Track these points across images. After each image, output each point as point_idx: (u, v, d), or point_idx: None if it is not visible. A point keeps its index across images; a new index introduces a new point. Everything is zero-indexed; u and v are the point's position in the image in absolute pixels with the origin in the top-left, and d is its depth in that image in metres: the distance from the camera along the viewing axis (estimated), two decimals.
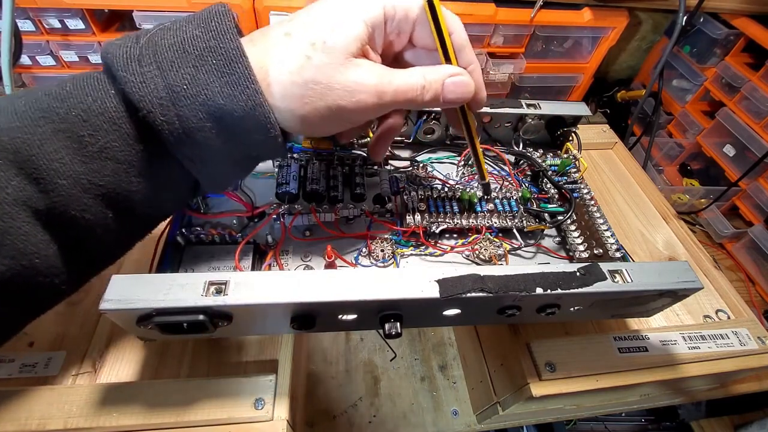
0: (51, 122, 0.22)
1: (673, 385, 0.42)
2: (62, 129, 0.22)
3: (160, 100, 0.22)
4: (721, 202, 0.77)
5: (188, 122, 0.23)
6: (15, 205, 0.21)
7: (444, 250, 0.36)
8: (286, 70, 0.23)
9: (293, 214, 0.36)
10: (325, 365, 0.57)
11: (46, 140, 0.21)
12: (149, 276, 0.25)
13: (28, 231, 0.22)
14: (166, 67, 0.22)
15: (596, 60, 0.76)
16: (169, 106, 0.22)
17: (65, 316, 0.36)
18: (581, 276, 0.28)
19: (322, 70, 0.23)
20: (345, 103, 0.24)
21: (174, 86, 0.22)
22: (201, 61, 0.22)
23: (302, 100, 0.23)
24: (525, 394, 0.35)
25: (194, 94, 0.22)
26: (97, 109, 0.22)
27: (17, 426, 0.29)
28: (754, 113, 0.70)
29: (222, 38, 0.22)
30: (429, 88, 0.26)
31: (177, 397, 0.31)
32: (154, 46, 0.22)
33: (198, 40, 0.22)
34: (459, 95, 0.27)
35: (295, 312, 0.27)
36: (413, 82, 0.26)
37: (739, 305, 0.42)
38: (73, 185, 0.22)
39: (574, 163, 0.43)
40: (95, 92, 0.22)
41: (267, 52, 0.23)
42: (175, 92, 0.22)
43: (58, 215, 0.22)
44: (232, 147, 0.25)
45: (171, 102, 0.22)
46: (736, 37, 0.72)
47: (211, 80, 0.22)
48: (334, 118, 0.25)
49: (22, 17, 0.60)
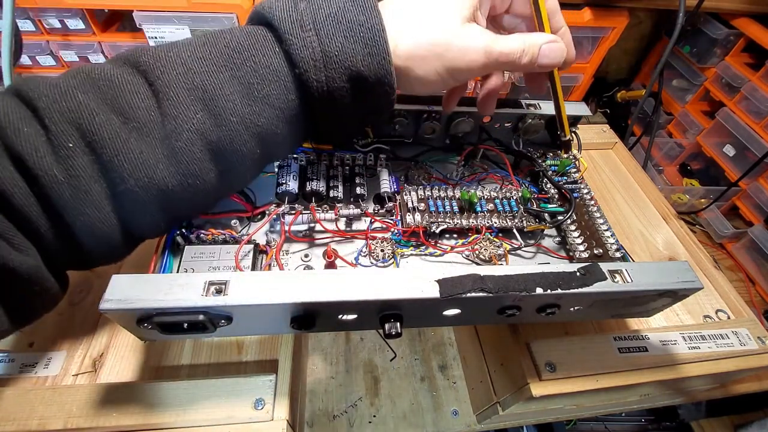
0: (230, 69, 0.26)
1: (673, 385, 0.42)
2: (238, 76, 0.26)
3: (315, 62, 0.26)
4: (721, 202, 0.78)
5: (333, 83, 0.27)
6: (195, 134, 0.25)
7: (444, 250, 0.36)
8: (412, 35, 0.27)
9: (293, 214, 0.36)
10: (325, 365, 0.57)
11: (225, 83, 0.26)
12: (149, 276, 0.25)
13: (200, 157, 0.26)
14: (322, 35, 0.26)
15: (596, 60, 0.75)
16: (321, 68, 0.26)
17: (65, 316, 0.36)
18: (581, 276, 0.28)
19: (441, 33, 0.28)
20: (458, 62, 0.28)
21: (328, 52, 0.26)
22: (351, 33, 0.26)
23: (423, 60, 0.28)
24: (525, 394, 0.35)
25: (342, 60, 0.26)
26: (266, 63, 0.26)
27: (17, 426, 0.29)
28: (754, 113, 0.70)
29: (369, 13, 0.26)
30: (527, 52, 0.30)
31: (177, 397, 0.31)
32: (313, 14, 0.26)
33: (349, 12, 0.26)
34: (552, 60, 0.31)
35: (295, 312, 0.27)
36: (515, 47, 0.29)
37: (739, 305, 0.42)
38: (239, 122, 0.26)
39: (574, 163, 0.43)
40: (264, 49, 0.26)
41: (396, 20, 0.27)
42: (328, 57, 0.26)
43: (224, 147, 0.27)
44: (359, 105, 0.29)
45: (323, 65, 0.26)
46: (736, 37, 0.72)
47: (357, 50, 0.26)
48: (447, 76, 0.29)
49: (22, 17, 0.61)
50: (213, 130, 0.26)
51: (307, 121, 0.30)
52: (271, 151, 0.30)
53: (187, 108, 0.25)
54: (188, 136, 0.25)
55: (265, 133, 0.28)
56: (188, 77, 0.25)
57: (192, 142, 0.26)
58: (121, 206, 0.26)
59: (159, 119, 0.25)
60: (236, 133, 0.26)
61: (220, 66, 0.26)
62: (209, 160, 0.27)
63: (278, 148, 0.30)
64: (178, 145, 0.25)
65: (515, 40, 0.30)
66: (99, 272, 0.38)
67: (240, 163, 0.28)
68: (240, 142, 0.27)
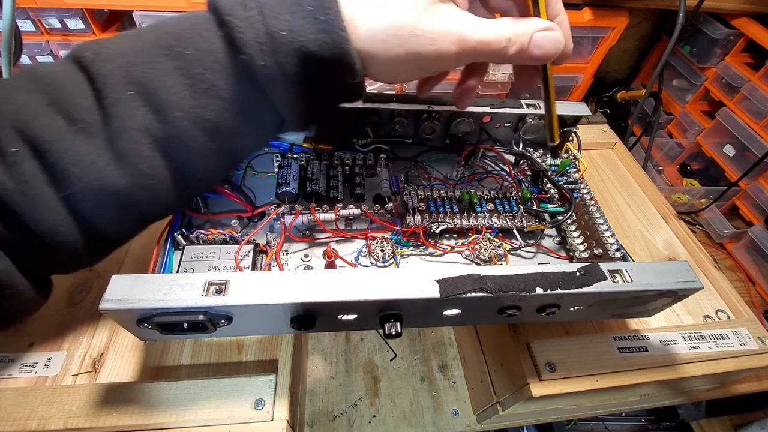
0: (171, 59, 0.23)
1: (673, 385, 0.42)
2: (179, 66, 0.23)
3: (261, 45, 0.23)
4: (721, 202, 0.78)
5: (284, 67, 0.23)
6: (140, 132, 0.24)
7: (444, 250, 0.36)
8: (372, 15, 0.24)
9: (293, 214, 0.36)
10: (325, 365, 0.57)
11: (167, 75, 0.23)
12: (149, 276, 0.25)
13: (150, 155, 0.24)
14: (266, 12, 0.23)
15: (596, 60, 0.76)
16: (268, 52, 0.23)
17: (65, 316, 0.36)
18: (581, 276, 0.28)
19: (405, 15, 0.24)
20: (425, 50, 0.24)
21: (273, 32, 0.23)
22: (298, 7, 0.23)
23: (385, 45, 0.24)
24: (525, 394, 0.35)
25: (290, 41, 0.23)
26: (208, 50, 0.23)
27: (17, 426, 0.29)
28: (754, 113, 0.70)
29: None
30: (515, 40, 0.25)
31: (177, 397, 0.31)
32: None
33: None
34: (546, 51, 0.26)
35: (295, 312, 0.27)
36: (499, 34, 0.25)
37: (739, 305, 0.42)
38: (186, 117, 0.24)
39: (574, 163, 0.43)
40: (205, 34, 0.24)
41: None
42: (273, 38, 0.23)
43: (174, 144, 0.25)
44: (318, 91, 0.26)
45: (270, 48, 0.23)
46: (736, 37, 0.72)
47: (307, 26, 0.23)
48: (414, 65, 0.25)
49: (22, 17, 0.61)
50: (159, 127, 0.24)
51: (268, 112, 0.27)
52: (233, 146, 0.27)
53: (127, 105, 0.23)
54: (133, 134, 0.24)
55: (218, 128, 0.25)
56: (127, 71, 0.23)
57: (138, 141, 0.24)
58: (76, 210, 0.25)
59: (101, 118, 0.24)
60: (184, 128, 0.24)
61: (160, 56, 0.24)
62: (160, 157, 0.25)
63: (239, 142, 0.28)
64: (125, 145, 0.24)
65: (501, 25, 0.25)
66: (99, 272, 0.38)
67: (196, 160, 0.26)
68: (190, 138, 0.25)
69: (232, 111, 0.25)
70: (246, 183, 0.39)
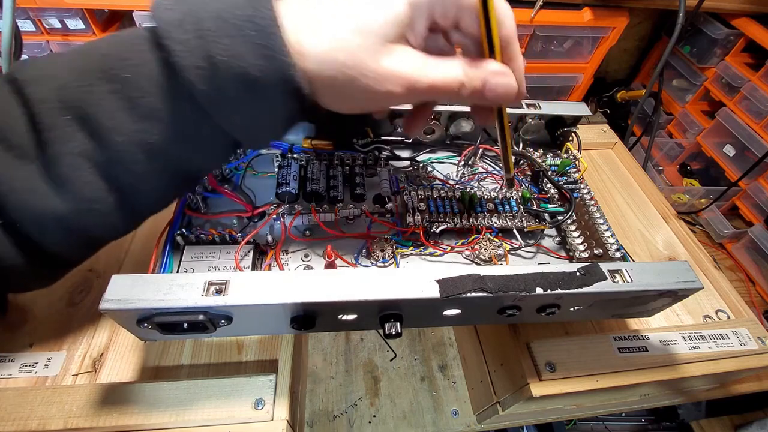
0: (109, 83, 0.22)
1: (673, 385, 0.42)
2: (117, 90, 0.22)
3: (199, 70, 0.22)
4: (721, 202, 0.78)
5: (225, 92, 0.23)
6: (79, 157, 0.23)
7: (444, 250, 0.36)
8: (320, 48, 0.22)
9: (293, 214, 0.36)
10: (325, 365, 0.57)
11: (104, 99, 0.22)
12: (149, 276, 0.25)
13: (91, 180, 0.23)
14: (205, 36, 0.21)
15: (596, 60, 0.76)
16: (208, 76, 0.22)
17: (65, 316, 0.36)
18: (581, 276, 0.28)
19: (355, 54, 0.23)
20: (373, 90, 0.23)
21: (212, 57, 0.21)
22: (238, 31, 0.21)
23: (333, 81, 0.23)
24: (525, 394, 0.35)
25: (231, 66, 0.22)
26: (145, 74, 0.22)
27: (17, 426, 0.29)
28: (754, 113, 0.70)
29: (259, 7, 0.22)
30: (469, 84, 0.25)
31: (177, 397, 0.31)
32: (196, 12, 0.22)
33: (236, 7, 0.22)
34: (498, 95, 0.25)
35: (295, 312, 0.27)
36: (451, 77, 0.24)
37: (739, 305, 0.42)
38: (127, 141, 0.23)
39: (574, 163, 0.43)
40: (142, 56, 0.22)
41: (304, 23, 0.23)
42: (212, 63, 0.22)
43: (115, 168, 0.24)
44: (267, 114, 0.25)
45: (210, 72, 0.22)
46: (736, 37, 0.72)
47: (247, 51, 0.22)
48: (363, 102, 0.25)
49: (22, 17, 0.61)
50: (99, 152, 0.23)
51: (217, 134, 0.25)
52: (182, 168, 0.26)
53: (63, 130, 0.22)
54: (72, 160, 0.23)
55: (163, 151, 0.24)
56: (61, 95, 0.22)
57: (77, 166, 0.23)
58: (19, 236, 0.24)
59: (37, 144, 0.23)
60: (126, 153, 0.23)
61: (96, 80, 0.22)
62: (103, 181, 0.24)
63: (189, 164, 0.26)
64: (64, 171, 0.23)
65: (455, 68, 0.25)
66: (99, 272, 0.38)
67: (142, 183, 0.25)
68: (133, 161, 0.24)
69: (177, 134, 0.24)
70: (246, 183, 0.39)
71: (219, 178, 0.38)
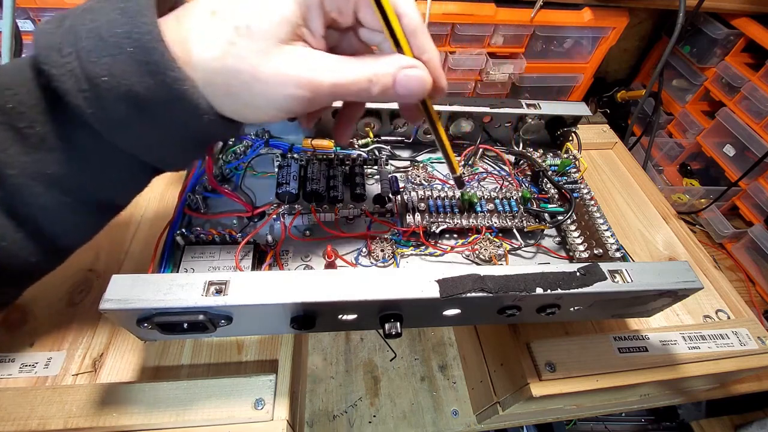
0: None
1: (673, 385, 0.42)
2: (2, 122, 0.21)
3: (83, 93, 0.20)
4: (721, 202, 0.78)
5: (115, 113, 0.21)
6: None
7: (444, 250, 0.36)
8: (209, 56, 0.21)
9: (293, 214, 0.36)
10: (325, 365, 0.57)
11: None
12: (149, 276, 0.25)
13: None
14: (84, 57, 0.20)
15: (596, 60, 0.76)
16: (93, 99, 0.20)
17: (65, 316, 0.36)
18: (581, 276, 0.28)
19: (246, 58, 0.21)
20: (273, 95, 0.22)
21: (93, 78, 0.20)
22: (117, 49, 0.20)
23: (227, 89, 0.21)
24: (525, 394, 0.35)
25: (114, 86, 0.20)
26: (29, 102, 0.21)
27: (17, 426, 0.29)
28: (754, 113, 0.70)
29: (137, 21, 0.20)
30: (377, 82, 0.23)
31: (177, 397, 0.31)
32: (75, 32, 0.20)
33: (114, 24, 0.20)
34: (412, 90, 0.24)
35: (295, 312, 0.27)
36: (358, 76, 0.23)
37: (739, 305, 0.42)
38: (21, 175, 0.22)
39: (574, 163, 0.43)
40: (26, 82, 0.21)
41: (190, 33, 0.21)
42: (95, 84, 0.20)
43: (15, 203, 0.23)
44: (167, 132, 0.23)
45: (94, 95, 0.20)
46: (736, 37, 0.72)
47: (129, 70, 0.20)
48: (269, 109, 0.23)
49: (22, 17, 0.61)
50: None
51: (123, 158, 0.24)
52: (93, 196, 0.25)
53: None
54: None
55: (64, 181, 0.23)
56: None
57: None
58: None
59: None
60: (23, 186, 0.22)
61: None
62: (5, 218, 0.23)
63: (100, 192, 0.25)
64: None
65: (360, 66, 0.23)
66: (99, 272, 0.38)
67: (50, 216, 0.24)
68: (33, 195, 0.23)
69: (76, 161, 0.23)
70: (246, 183, 0.39)
71: (219, 178, 0.38)
